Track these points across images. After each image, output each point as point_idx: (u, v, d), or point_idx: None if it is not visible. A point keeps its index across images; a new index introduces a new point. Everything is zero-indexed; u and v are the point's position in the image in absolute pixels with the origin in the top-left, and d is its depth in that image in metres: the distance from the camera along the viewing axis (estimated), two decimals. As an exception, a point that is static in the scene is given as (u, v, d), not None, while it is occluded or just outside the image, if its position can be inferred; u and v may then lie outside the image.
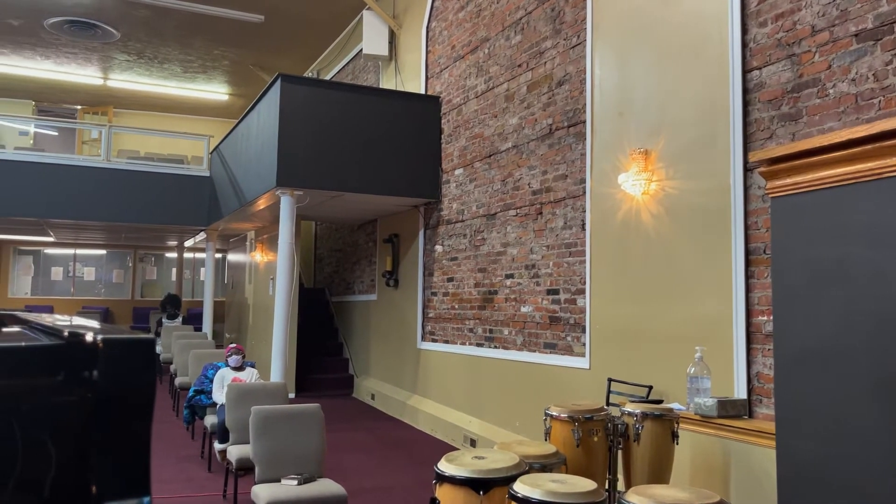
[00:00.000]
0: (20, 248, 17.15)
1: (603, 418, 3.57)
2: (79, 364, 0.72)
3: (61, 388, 0.71)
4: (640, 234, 5.13)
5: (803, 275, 2.48)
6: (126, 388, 0.71)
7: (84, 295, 17.57)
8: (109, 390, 0.71)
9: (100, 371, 0.71)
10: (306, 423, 4.43)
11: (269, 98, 8.05)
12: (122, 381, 0.72)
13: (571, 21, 6.07)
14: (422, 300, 8.55)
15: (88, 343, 0.72)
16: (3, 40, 12.23)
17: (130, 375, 0.72)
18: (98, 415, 0.70)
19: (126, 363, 0.72)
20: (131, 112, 16.46)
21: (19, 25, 11.52)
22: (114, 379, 0.71)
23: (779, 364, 2.60)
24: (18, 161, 10.77)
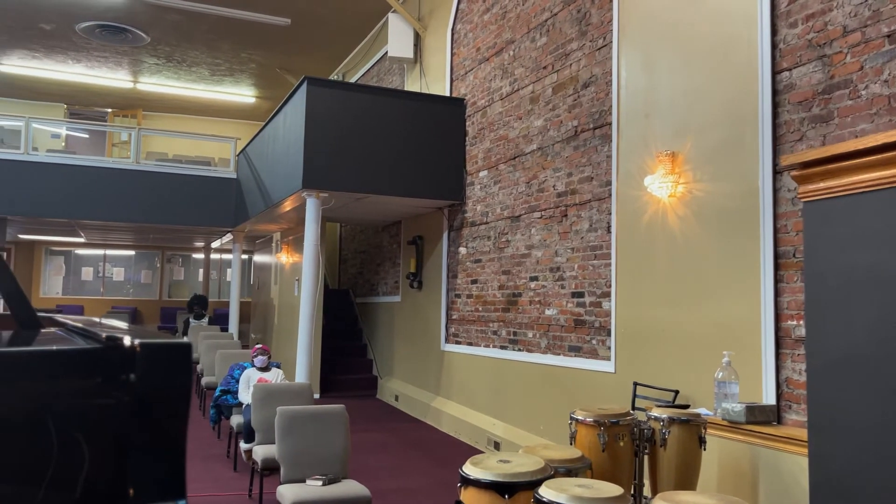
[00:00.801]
0: (52, 248, 17.47)
1: (629, 423, 3.54)
2: (117, 367, 0.73)
3: (99, 390, 0.73)
4: (667, 236, 5.08)
5: (837, 280, 2.44)
6: (163, 392, 0.72)
7: (113, 295, 17.84)
8: (146, 393, 0.72)
9: (137, 375, 0.72)
10: (331, 423, 4.45)
11: (296, 101, 8.12)
12: (159, 385, 0.72)
13: (597, 23, 6.04)
14: (445, 302, 8.55)
15: (126, 347, 0.73)
16: (37, 45, 12.48)
17: (167, 379, 0.73)
18: (135, 417, 0.71)
19: (163, 367, 0.73)
20: (160, 115, 16.69)
21: (52, 30, 11.74)
22: (151, 382, 0.72)
23: (811, 370, 2.56)
24: (51, 163, 10.98)
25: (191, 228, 12.59)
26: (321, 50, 12.52)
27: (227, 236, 13.78)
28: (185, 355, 0.75)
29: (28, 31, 11.84)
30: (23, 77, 14.17)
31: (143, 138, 12.90)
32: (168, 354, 0.73)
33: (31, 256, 16.95)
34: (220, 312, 15.92)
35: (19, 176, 10.61)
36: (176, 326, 15.46)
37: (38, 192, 10.71)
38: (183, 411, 0.74)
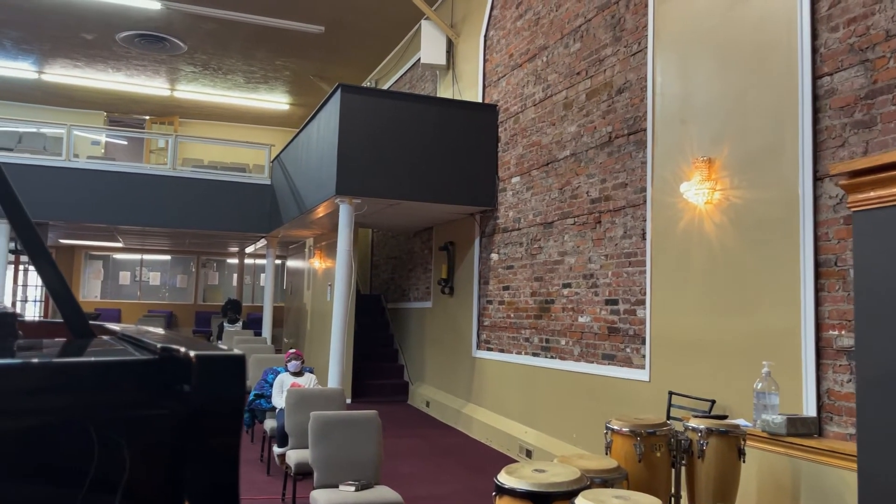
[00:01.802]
0: (91, 253, 17.85)
1: (666, 433, 3.49)
2: (171, 379, 0.74)
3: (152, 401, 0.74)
4: (703, 244, 5.01)
5: (888, 292, 2.38)
6: (218, 404, 0.73)
7: (149, 299, 18.16)
8: (201, 405, 0.72)
9: (193, 386, 0.73)
10: (364, 429, 4.47)
11: (330, 108, 8.19)
12: (214, 397, 0.73)
13: (632, 28, 5.99)
14: (477, 308, 8.54)
15: (181, 358, 0.74)
16: (78, 54, 12.78)
17: (222, 391, 0.73)
18: (189, 429, 0.72)
19: (218, 379, 0.74)
20: (196, 122, 16.97)
21: (93, 39, 12.02)
22: (206, 394, 0.73)
23: (861, 384, 2.50)
24: (91, 170, 11.22)
25: (226, 234, 12.76)
26: (354, 57, 12.62)
27: (261, 241, 13.94)
28: (240, 368, 0.75)
29: (70, 41, 12.13)
30: (65, 86, 14.53)
31: (179, 145, 13.12)
32: (223, 366, 0.74)
33: (72, 261, 17.33)
34: (253, 317, 16.10)
35: (61, 182, 10.86)
36: (210, 330, 15.67)
37: (78, 197, 10.95)
38: (237, 424, 0.74)
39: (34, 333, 1.24)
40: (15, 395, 0.70)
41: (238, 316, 13.50)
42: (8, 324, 0.86)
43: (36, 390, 0.71)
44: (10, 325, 0.87)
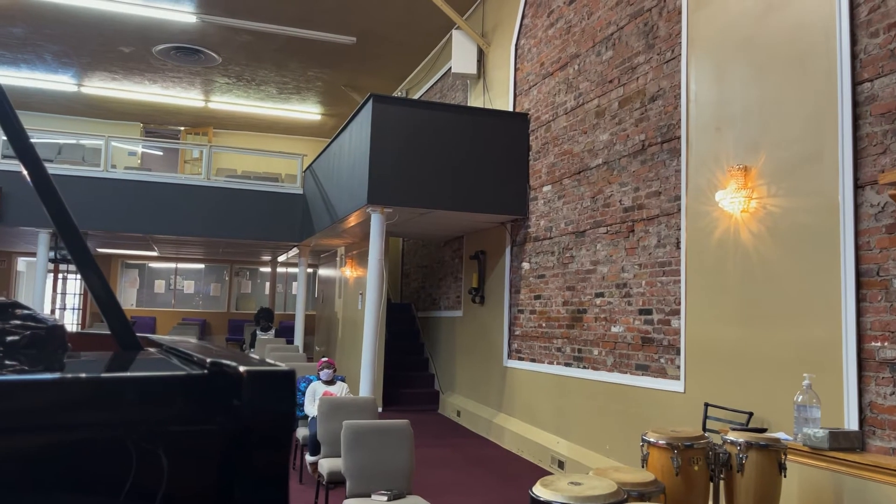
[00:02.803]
0: (127, 261, 18.18)
1: (704, 446, 3.43)
2: (221, 394, 0.75)
3: (202, 417, 0.74)
4: (740, 253, 4.93)
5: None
6: (268, 420, 0.73)
7: (183, 307, 18.42)
8: (252, 421, 0.73)
9: (243, 402, 0.73)
10: (396, 438, 4.47)
11: (361, 118, 8.25)
12: (264, 413, 0.73)
13: (665, 35, 5.94)
14: (508, 317, 8.50)
15: (232, 374, 0.74)
16: (116, 67, 13.07)
17: (273, 407, 0.74)
18: (238, 445, 0.72)
19: (269, 395, 0.74)
20: (229, 132, 17.22)
21: (130, 53, 12.28)
22: (257, 410, 0.73)
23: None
24: (127, 180, 11.44)
25: (258, 243, 12.90)
26: (385, 67, 12.70)
27: (293, 250, 14.07)
28: (291, 383, 0.75)
29: (109, 54, 12.41)
30: (103, 98, 14.85)
31: (213, 155, 13.33)
32: (274, 382, 0.74)
33: (108, 269, 17.67)
34: (285, 325, 16.23)
35: (99, 192, 11.08)
36: (243, 339, 15.83)
37: (115, 207, 11.17)
38: (287, 440, 0.74)
39: (83, 345, 1.26)
40: (65, 408, 0.71)
41: (270, 324, 13.62)
42: (58, 336, 0.88)
43: (86, 404, 0.72)
44: (61, 338, 0.89)
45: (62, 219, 1.12)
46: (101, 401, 0.72)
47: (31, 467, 0.69)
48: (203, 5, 10.34)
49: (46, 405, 0.71)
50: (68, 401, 0.71)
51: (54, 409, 0.71)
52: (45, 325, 0.88)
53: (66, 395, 0.71)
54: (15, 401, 0.70)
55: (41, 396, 0.72)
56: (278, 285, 18.47)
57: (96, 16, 10.73)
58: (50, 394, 0.72)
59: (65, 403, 0.71)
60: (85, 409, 0.71)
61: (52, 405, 0.71)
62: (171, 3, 10.27)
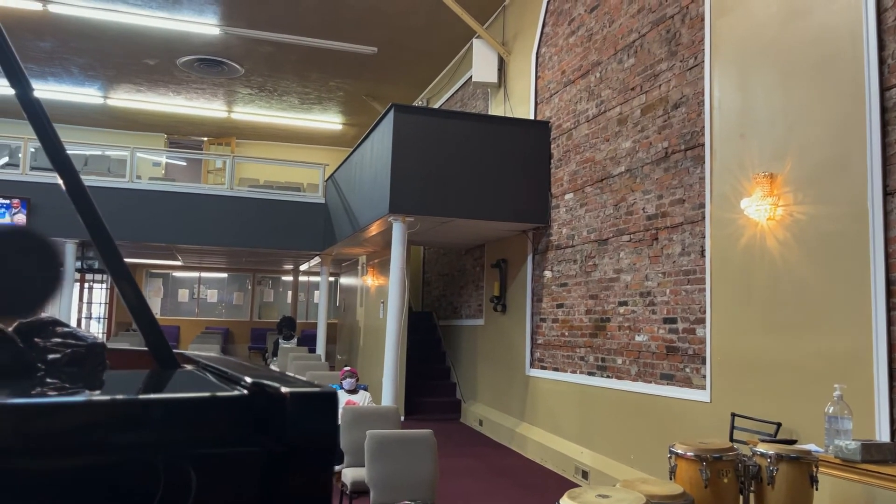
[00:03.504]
0: (152, 271, 18.39)
1: (733, 458, 3.38)
2: (262, 415, 0.75)
3: (244, 438, 0.74)
4: (766, 261, 4.87)
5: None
6: (310, 441, 0.73)
7: (207, 316, 18.58)
8: (294, 443, 0.73)
9: (286, 423, 0.73)
10: (420, 448, 4.46)
11: (383, 127, 8.28)
12: (307, 434, 0.73)
13: (688, 42, 5.90)
14: (530, 326, 8.47)
15: (274, 394, 0.74)
16: (141, 79, 13.26)
17: (315, 428, 0.73)
18: (280, 467, 0.72)
19: (311, 416, 0.74)
20: (252, 142, 17.38)
21: (155, 65, 12.46)
22: (299, 431, 0.73)
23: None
24: (152, 190, 11.59)
25: (281, 252, 12.99)
26: (406, 76, 12.76)
27: (315, 259, 14.14)
28: (333, 404, 0.75)
29: (134, 67, 12.59)
30: (128, 110, 15.07)
31: (236, 165, 13.45)
32: (316, 403, 0.74)
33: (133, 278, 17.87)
34: (307, 333, 16.30)
35: (124, 203, 11.22)
36: (266, 347, 15.92)
37: (140, 217, 11.30)
38: (329, 461, 0.74)
39: (121, 362, 1.27)
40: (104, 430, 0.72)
41: (293, 333, 13.69)
42: (97, 354, 0.89)
43: (126, 426, 0.72)
44: (100, 356, 0.89)
45: (97, 229, 1.13)
46: (141, 422, 0.72)
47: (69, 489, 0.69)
48: (226, 17, 10.47)
49: (86, 426, 0.71)
50: (107, 422, 0.72)
51: (93, 431, 0.71)
52: (85, 343, 0.89)
53: (105, 417, 0.72)
54: (54, 422, 0.71)
55: (80, 418, 0.72)
56: (300, 294, 18.57)
57: (122, 29, 10.90)
58: (89, 415, 0.72)
59: (104, 425, 0.71)
60: (124, 430, 0.72)
61: (91, 426, 0.71)
62: (195, 15, 10.41)
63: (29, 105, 1.18)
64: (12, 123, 15.01)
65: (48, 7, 10.11)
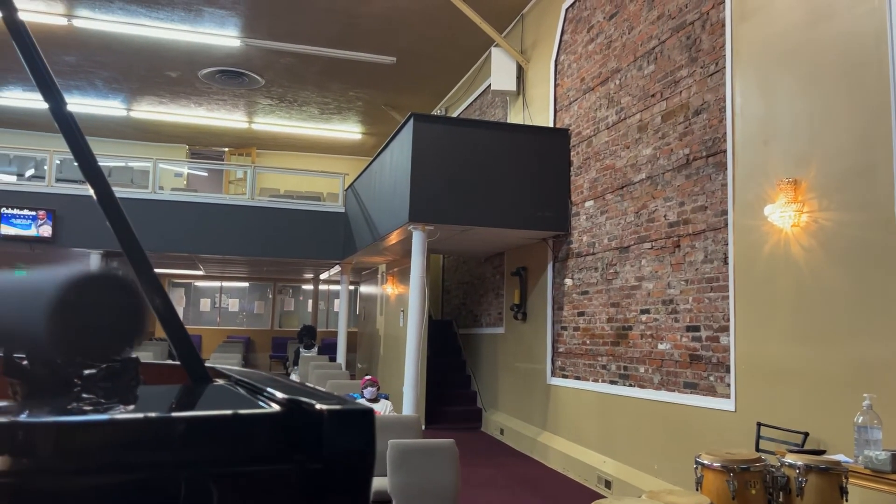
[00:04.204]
0: (174, 280, 18.56)
1: (760, 469, 3.34)
2: (299, 432, 0.75)
3: (280, 456, 0.74)
4: (791, 268, 4.81)
5: None
6: (348, 459, 0.73)
7: (228, 325, 18.71)
8: (331, 461, 0.73)
9: (323, 441, 0.73)
10: (442, 458, 4.45)
11: (402, 137, 8.31)
12: (345, 452, 0.73)
13: (709, 49, 5.87)
14: (551, 334, 8.43)
15: (311, 412, 0.75)
16: (164, 91, 13.43)
17: (352, 446, 0.73)
18: (317, 485, 0.72)
19: (349, 434, 0.74)
20: (272, 152, 17.52)
21: (177, 77, 12.62)
22: (337, 449, 0.73)
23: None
24: (174, 201, 11.71)
25: (301, 261, 13.06)
26: (424, 86, 12.81)
27: (335, 268, 14.20)
28: (371, 422, 0.75)
29: (156, 79, 12.76)
30: (151, 121, 15.26)
31: (257, 175, 13.57)
32: (353, 421, 0.74)
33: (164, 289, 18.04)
34: (327, 342, 16.36)
35: (147, 213, 11.36)
36: (287, 356, 15.99)
37: (163, 228, 11.42)
38: (367, 479, 0.74)
39: (154, 377, 1.28)
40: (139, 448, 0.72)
41: (313, 341, 13.74)
42: (132, 369, 0.90)
43: (161, 444, 0.72)
44: (134, 370, 0.90)
45: (128, 239, 1.14)
46: (176, 439, 0.72)
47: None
48: (247, 30, 10.58)
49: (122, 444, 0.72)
50: (143, 440, 0.72)
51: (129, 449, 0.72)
52: (120, 358, 0.89)
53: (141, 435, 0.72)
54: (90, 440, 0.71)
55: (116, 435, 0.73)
56: (320, 302, 18.64)
57: (145, 43, 11.05)
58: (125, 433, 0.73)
59: (139, 443, 0.72)
60: (160, 448, 0.72)
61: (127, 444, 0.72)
62: (217, 28, 10.53)
63: (62, 118, 1.20)
64: (38, 136, 15.26)
65: (73, 22, 10.28)
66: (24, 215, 10.71)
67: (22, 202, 10.81)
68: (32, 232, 10.71)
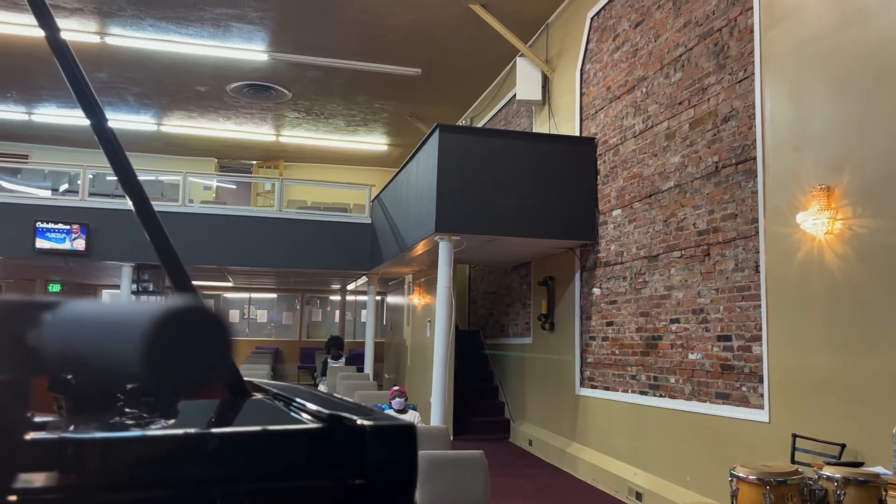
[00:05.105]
0: (204, 292, 18.77)
1: (798, 482, 3.27)
2: (340, 448, 0.75)
3: (320, 472, 0.74)
4: (825, 276, 4.73)
5: None
6: (391, 477, 0.73)
7: (257, 336, 18.86)
8: (373, 478, 0.73)
9: (367, 458, 0.73)
10: (471, 469, 4.43)
11: (428, 147, 8.34)
12: (388, 469, 0.73)
13: (737, 55, 5.81)
14: (579, 344, 8.36)
15: (353, 428, 0.75)
16: (193, 106, 13.64)
17: (397, 463, 0.73)
18: (363, 501, 0.72)
19: (393, 450, 0.74)
20: (299, 165, 17.69)
21: (206, 91, 12.81)
22: (380, 466, 0.73)
23: None
24: (204, 214, 11.86)
25: (329, 272, 13.13)
26: (450, 96, 12.85)
27: (362, 279, 14.25)
28: (414, 439, 0.75)
29: (186, 94, 12.98)
30: (180, 135, 15.50)
31: (284, 187, 13.70)
32: (398, 437, 0.74)
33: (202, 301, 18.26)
34: (355, 352, 16.40)
35: (177, 226, 11.50)
36: (314, 366, 16.07)
37: (193, 240, 11.56)
38: (411, 496, 0.74)
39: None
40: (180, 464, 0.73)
41: (341, 352, 13.78)
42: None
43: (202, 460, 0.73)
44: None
45: (166, 252, 1.16)
46: (218, 455, 0.73)
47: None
48: (274, 44, 10.72)
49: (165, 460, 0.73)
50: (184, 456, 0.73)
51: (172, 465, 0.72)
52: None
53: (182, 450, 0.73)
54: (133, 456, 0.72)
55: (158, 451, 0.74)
56: (347, 313, 18.72)
57: (174, 59, 11.25)
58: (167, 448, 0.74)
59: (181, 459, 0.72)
60: (201, 464, 0.73)
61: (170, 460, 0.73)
62: (244, 43, 10.68)
63: (103, 134, 1.22)
64: (71, 151, 15.59)
65: (106, 40, 10.50)
66: (59, 229, 10.93)
67: (56, 216, 11.03)
68: (67, 246, 10.91)
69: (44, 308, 0.62)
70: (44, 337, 0.60)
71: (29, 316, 0.60)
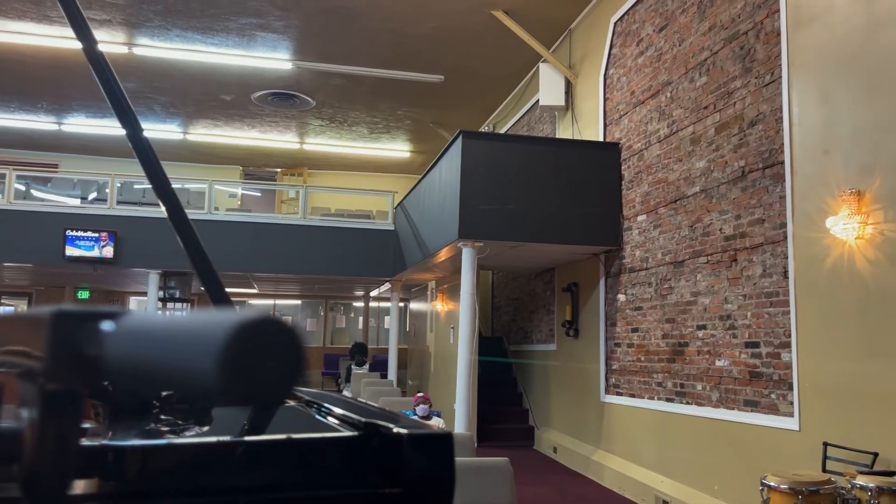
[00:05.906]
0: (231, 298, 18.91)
1: (830, 491, 3.22)
2: (377, 457, 0.75)
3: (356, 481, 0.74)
4: (855, 282, 4.65)
5: None
6: (429, 486, 0.73)
7: (281, 341, 18.94)
8: (412, 487, 0.73)
9: (404, 467, 0.73)
10: (496, 476, 4.41)
11: (451, 154, 8.35)
12: (426, 477, 0.73)
13: (763, 58, 5.75)
14: (604, 351, 8.30)
15: (390, 436, 0.75)
16: (218, 114, 13.80)
17: (434, 471, 0.73)
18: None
19: (430, 459, 0.74)
20: (323, 172, 17.80)
21: (231, 100, 12.96)
22: (418, 475, 0.73)
23: None
24: (229, 221, 11.98)
25: (352, 279, 13.18)
26: (472, 103, 12.86)
27: (386, 285, 14.29)
28: (451, 447, 0.75)
29: (211, 103, 13.13)
30: (206, 144, 15.68)
31: (308, 195, 13.79)
32: (435, 445, 0.74)
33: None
34: (378, 359, 16.43)
35: (203, 233, 11.51)
36: (338, 373, 16.13)
37: (218, 247, 11.66)
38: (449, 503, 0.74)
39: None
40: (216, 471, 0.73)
41: (365, 359, 13.82)
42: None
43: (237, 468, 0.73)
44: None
45: (200, 259, 1.17)
46: (252, 463, 0.73)
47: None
48: (298, 52, 10.82)
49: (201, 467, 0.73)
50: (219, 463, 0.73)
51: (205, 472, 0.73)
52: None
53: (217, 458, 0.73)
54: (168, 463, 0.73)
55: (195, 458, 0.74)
56: (371, 319, 18.77)
57: (200, 68, 11.39)
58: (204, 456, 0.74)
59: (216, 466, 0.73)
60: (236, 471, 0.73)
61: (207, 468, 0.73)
62: (269, 51, 10.79)
63: (138, 143, 1.24)
64: (100, 160, 15.84)
65: (133, 50, 10.67)
66: (88, 237, 11.09)
67: (85, 224, 11.21)
68: (95, 253, 11.08)
69: (106, 317, 0.62)
70: (106, 347, 0.60)
71: (90, 325, 0.61)
